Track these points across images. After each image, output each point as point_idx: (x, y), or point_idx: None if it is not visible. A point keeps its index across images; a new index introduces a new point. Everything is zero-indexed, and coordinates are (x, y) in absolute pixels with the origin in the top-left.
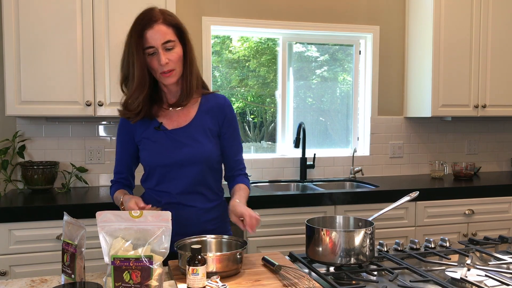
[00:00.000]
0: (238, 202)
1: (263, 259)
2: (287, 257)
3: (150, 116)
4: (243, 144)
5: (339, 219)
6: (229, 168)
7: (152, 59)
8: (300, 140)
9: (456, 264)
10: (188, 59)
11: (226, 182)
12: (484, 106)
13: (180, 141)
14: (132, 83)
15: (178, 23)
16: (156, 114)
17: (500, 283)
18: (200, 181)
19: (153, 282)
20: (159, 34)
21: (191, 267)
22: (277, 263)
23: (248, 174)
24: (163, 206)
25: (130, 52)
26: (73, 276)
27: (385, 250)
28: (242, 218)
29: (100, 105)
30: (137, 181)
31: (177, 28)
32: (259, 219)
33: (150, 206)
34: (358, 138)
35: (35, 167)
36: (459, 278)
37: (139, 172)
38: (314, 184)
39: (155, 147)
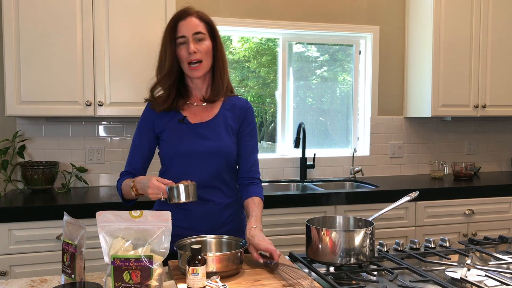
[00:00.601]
0: (256, 233)
1: (260, 253)
2: (287, 257)
3: (176, 108)
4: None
5: (339, 219)
6: (243, 169)
7: (181, 49)
8: (300, 140)
9: (456, 264)
10: (219, 55)
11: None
12: (484, 106)
13: (201, 134)
14: (163, 70)
15: (211, 21)
16: (181, 108)
17: (500, 283)
18: (218, 176)
19: (153, 282)
20: (190, 25)
21: (191, 267)
22: (274, 260)
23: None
24: (180, 203)
25: (164, 42)
26: (73, 276)
27: (385, 250)
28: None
29: (100, 105)
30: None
31: (208, 24)
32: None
33: (176, 183)
34: (358, 138)
35: (35, 167)
36: (459, 278)
37: (153, 170)
38: (314, 184)
39: (177, 138)
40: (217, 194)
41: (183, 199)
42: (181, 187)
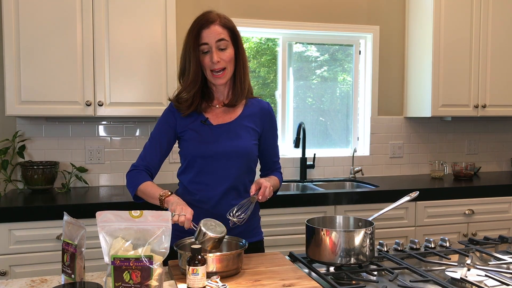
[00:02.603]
0: (263, 178)
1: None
2: (287, 257)
3: (198, 110)
4: None
5: (339, 219)
6: (265, 168)
7: (204, 57)
8: (300, 140)
9: (456, 264)
10: (242, 61)
11: None
12: (484, 106)
13: (223, 135)
14: (187, 77)
15: (233, 27)
16: (204, 110)
17: (500, 283)
18: (237, 177)
19: (153, 282)
20: (214, 33)
21: (191, 267)
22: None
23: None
24: (197, 200)
25: (187, 49)
26: (73, 276)
27: (385, 250)
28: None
29: (100, 105)
30: (173, 175)
31: (231, 31)
32: (269, 195)
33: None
34: (358, 138)
35: (35, 167)
36: (459, 278)
37: (168, 167)
38: (314, 184)
39: (199, 139)
40: (234, 195)
41: (201, 242)
42: (208, 236)
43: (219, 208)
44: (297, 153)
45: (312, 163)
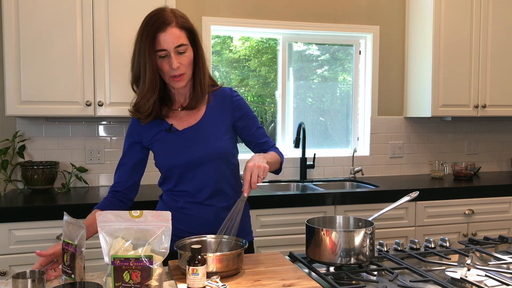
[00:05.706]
0: (255, 156)
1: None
2: (287, 257)
3: (160, 116)
4: (243, 144)
5: (339, 219)
6: (257, 152)
7: (163, 62)
8: (300, 140)
9: (456, 264)
10: (201, 62)
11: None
12: (484, 106)
13: (191, 139)
14: (143, 85)
15: (191, 26)
16: (166, 115)
17: (500, 283)
18: (218, 179)
19: (153, 282)
20: (172, 37)
21: (191, 267)
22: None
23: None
24: (181, 207)
25: (142, 53)
26: (73, 276)
27: (385, 250)
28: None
29: (100, 105)
30: (154, 183)
31: (189, 31)
32: (262, 174)
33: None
34: (358, 138)
35: (35, 167)
36: (459, 278)
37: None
38: (314, 184)
39: (169, 149)
40: (219, 197)
41: None
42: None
43: (206, 213)
44: (297, 153)
45: (312, 163)
